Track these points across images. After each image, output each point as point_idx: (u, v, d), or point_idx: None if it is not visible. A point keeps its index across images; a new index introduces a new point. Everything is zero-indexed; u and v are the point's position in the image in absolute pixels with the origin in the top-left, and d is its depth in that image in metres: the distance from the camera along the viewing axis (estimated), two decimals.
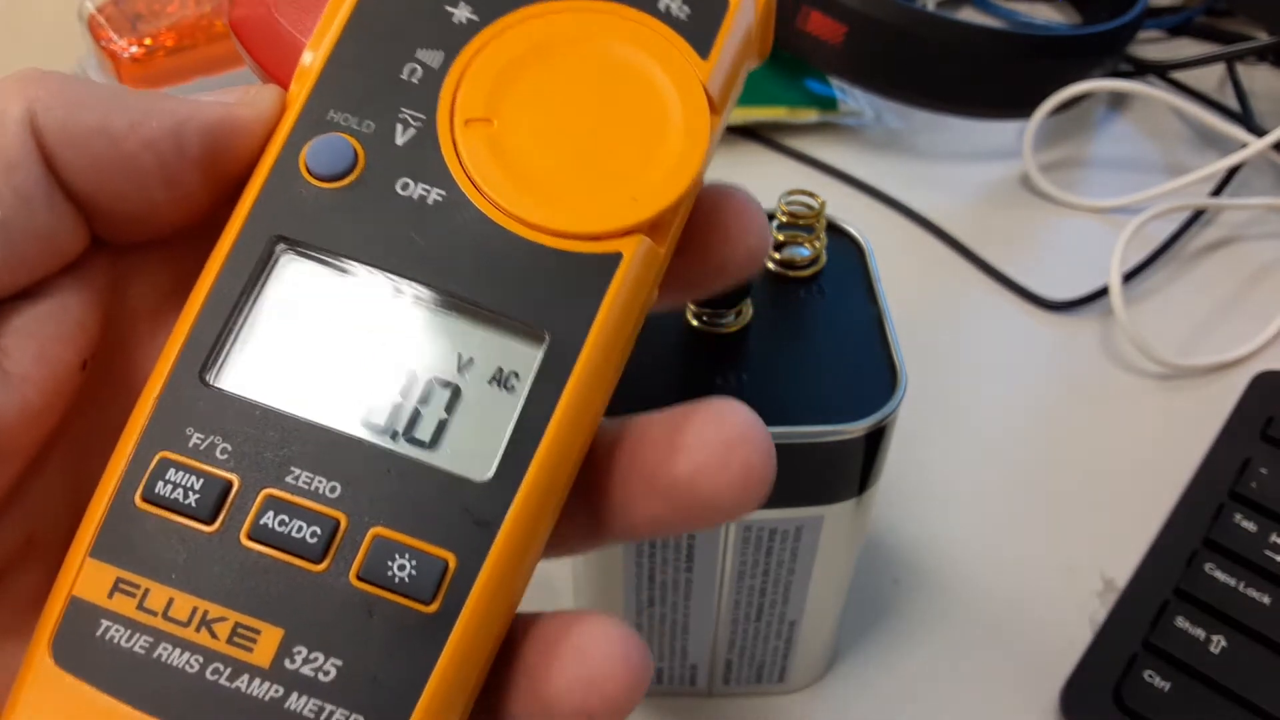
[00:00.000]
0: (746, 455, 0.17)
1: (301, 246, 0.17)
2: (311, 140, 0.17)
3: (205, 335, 0.17)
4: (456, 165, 0.17)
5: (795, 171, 0.51)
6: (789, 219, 0.27)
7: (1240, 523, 0.35)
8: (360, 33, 0.18)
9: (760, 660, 0.31)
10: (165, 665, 0.15)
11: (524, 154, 0.17)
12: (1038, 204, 0.51)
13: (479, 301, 0.17)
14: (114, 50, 0.47)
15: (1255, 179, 0.52)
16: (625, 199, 0.17)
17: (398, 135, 0.17)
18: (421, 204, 0.17)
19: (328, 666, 0.15)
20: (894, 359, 0.25)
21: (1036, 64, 0.50)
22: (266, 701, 0.15)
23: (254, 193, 0.17)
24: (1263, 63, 0.59)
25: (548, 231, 0.17)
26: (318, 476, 0.16)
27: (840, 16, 0.48)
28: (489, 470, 0.16)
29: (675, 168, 0.17)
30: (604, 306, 0.17)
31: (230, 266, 0.17)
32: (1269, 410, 0.39)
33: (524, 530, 0.16)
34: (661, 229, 0.18)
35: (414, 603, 0.16)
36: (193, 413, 0.16)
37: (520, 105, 0.18)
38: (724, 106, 0.19)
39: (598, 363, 0.17)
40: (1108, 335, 0.44)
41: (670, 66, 0.18)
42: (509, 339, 0.17)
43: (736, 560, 0.28)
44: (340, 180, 0.17)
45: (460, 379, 0.17)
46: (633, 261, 0.17)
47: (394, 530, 0.16)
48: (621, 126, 0.18)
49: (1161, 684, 0.31)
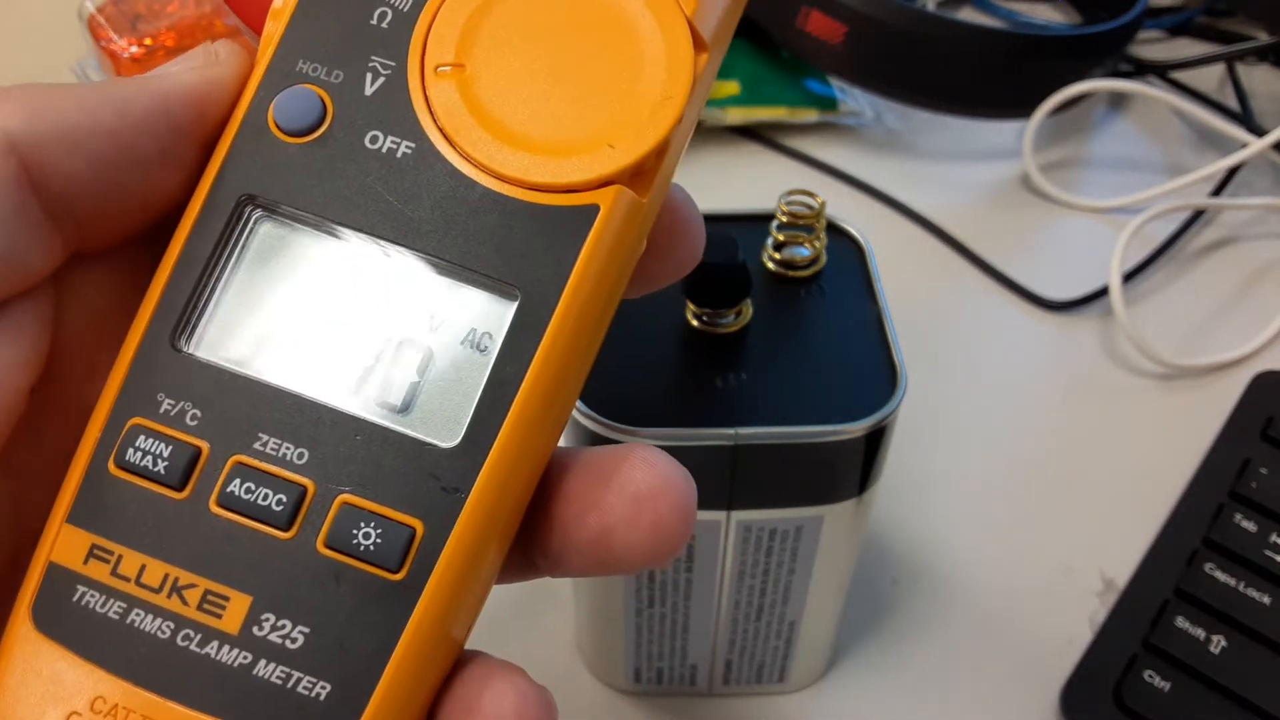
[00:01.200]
0: (657, 512, 0.16)
1: (270, 206, 0.17)
2: (279, 93, 0.17)
3: (176, 300, 0.16)
4: (427, 115, 0.17)
5: (795, 171, 0.52)
6: (789, 219, 0.27)
7: (1240, 523, 0.35)
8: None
9: (760, 660, 0.31)
10: (138, 630, 0.15)
11: (496, 101, 0.17)
12: (1038, 204, 0.51)
13: (450, 259, 0.16)
14: (114, 50, 0.47)
15: (1255, 179, 0.52)
16: (602, 147, 0.16)
17: (367, 85, 0.17)
18: (391, 157, 0.16)
19: (295, 634, 0.15)
20: (894, 359, 0.25)
21: (1036, 64, 0.50)
22: (235, 668, 0.15)
23: (223, 150, 0.17)
24: (1263, 63, 0.59)
25: (521, 184, 0.16)
26: (286, 443, 0.16)
27: (840, 16, 0.48)
28: (457, 436, 0.16)
29: (655, 112, 0.16)
30: (579, 262, 0.16)
31: (199, 228, 0.17)
32: (1269, 410, 0.39)
33: (493, 498, 0.16)
34: (644, 178, 0.17)
35: (381, 570, 0.15)
36: (164, 378, 0.16)
37: (493, 49, 0.17)
38: (716, 43, 0.18)
39: (574, 322, 0.16)
40: (1108, 335, 0.44)
41: (652, 1, 0.17)
42: (482, 298, 0.16)
43: (736, 560, 0.28)
44: (308, 135, 0.17)
45: (432, 340, 0.16)
46: (611, 214, 0.16)
47: (361, 497, 0.16)
48: (599, 69, 0.17)
49: (1161, 684, 0.31)
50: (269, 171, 0.17)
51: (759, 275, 0.28)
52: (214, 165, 0.17)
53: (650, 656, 0.31)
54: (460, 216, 0.16)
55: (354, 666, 0.15)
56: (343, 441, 0.16)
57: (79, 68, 0.51)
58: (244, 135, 0.17)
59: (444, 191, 0.16)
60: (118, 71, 0.48)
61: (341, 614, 0.15)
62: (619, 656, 0.31)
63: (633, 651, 0.31)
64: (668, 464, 0.17)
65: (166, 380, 0.16)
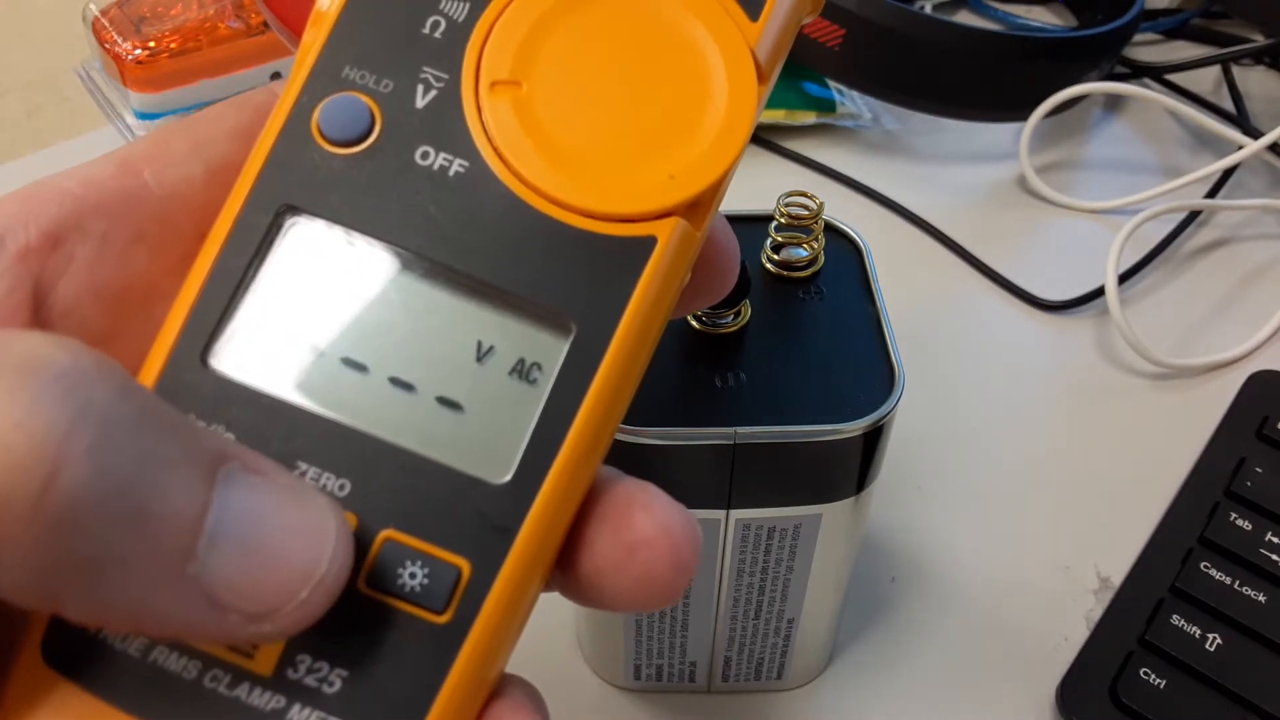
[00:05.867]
0: (649, 562, 0.15)
1: (312, 218, 0.16)
2: (324, 100, 0.16)
3: (208, 313, 0.15)
4: (481, 133, 0.16)
5: (793, 173, 0.52)
6: (787, 220, 0.28)
7: (1236, 521, 0.35)
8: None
9: (759, 657, 0.32)
10: (160, 669, 0.14)
11: (554, 122, 0.16)
12: (1034, 205, 0.51)
13: (501, 286, 0.15)
14: (118, 53, 0.48)
15: (1250, 180, 0.52)
16: (662, 177, 0.16)
17: (418, 97, 0.16)
18: (442, 175, 0.16)
19: (333, 677, 0.15)
20: (892, 359, 0.26)
21: (1033, 66, 0.50)
22: (267, 711, 0.14)
23: (261, 156, 0.16)
24: (1258, 65, 0.59)
25: (577, 211, 0.16)
26: (326, 473, 0.15)
27: (838, 19, 0.49)
28: (508, 472, 0.15)
29: (717, 144, 0.16)
30: (636, 295, 0.15)
31: (235, 238, 0.16)
32: (1264, 410, 0.39)
33: (542, 536, 0.15)
34: (699, 210, 0.16)
35: (425, 612, 0.15)
36: (194, 398, 0.15)
37: (551, 67, 0.16)
38: (772, 72, 0.17)
39: (627, 357, 0.15)
40: (1103, 336, 0.44)
41: (716, 28, 0.16)
42: (532, 327, 0.16)
43: (735, 558, 0.28)
44: (355, 146, 0.16)
45: (479, 369, 0.16)
46: (668, 246, 0.16)
47: (405, 534, 0.15)
48: (660, 95, 0.16)
49: (1157, 681, 0.31)
50: (312, 182, 0.16)
51: (758, 276, 0.28)
52: (251, 171, 0.16)
53: (650, 654, 0.31)
54: (512, 241, 0.16)
55: (395, 712, 0.14)
56: (386, 474, 0.15)
57: (83, 70, 0.52)
58: (285, 141, 0.16)
59: (496, 214, 0.16)
60: (122, 74, 0.48)
61: (382, 657, 0.15)
62: (618, 653, 0.31)
63: (632, 649, 0.31)
64: (668, 512, 0.16)
65: (197, 400, 0.15)
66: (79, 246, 0.16)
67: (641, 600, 0.16)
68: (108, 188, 0.16)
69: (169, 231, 0.17)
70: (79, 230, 0.16)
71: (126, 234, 0.16)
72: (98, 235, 0.16)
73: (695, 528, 0.16)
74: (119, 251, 0.16)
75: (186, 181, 0.17)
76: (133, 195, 0.16)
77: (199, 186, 0.17)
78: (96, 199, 0.16)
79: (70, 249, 0.16)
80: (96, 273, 0.16)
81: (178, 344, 0.15)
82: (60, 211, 0.16)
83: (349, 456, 0.15)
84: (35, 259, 0.15)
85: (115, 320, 0.16)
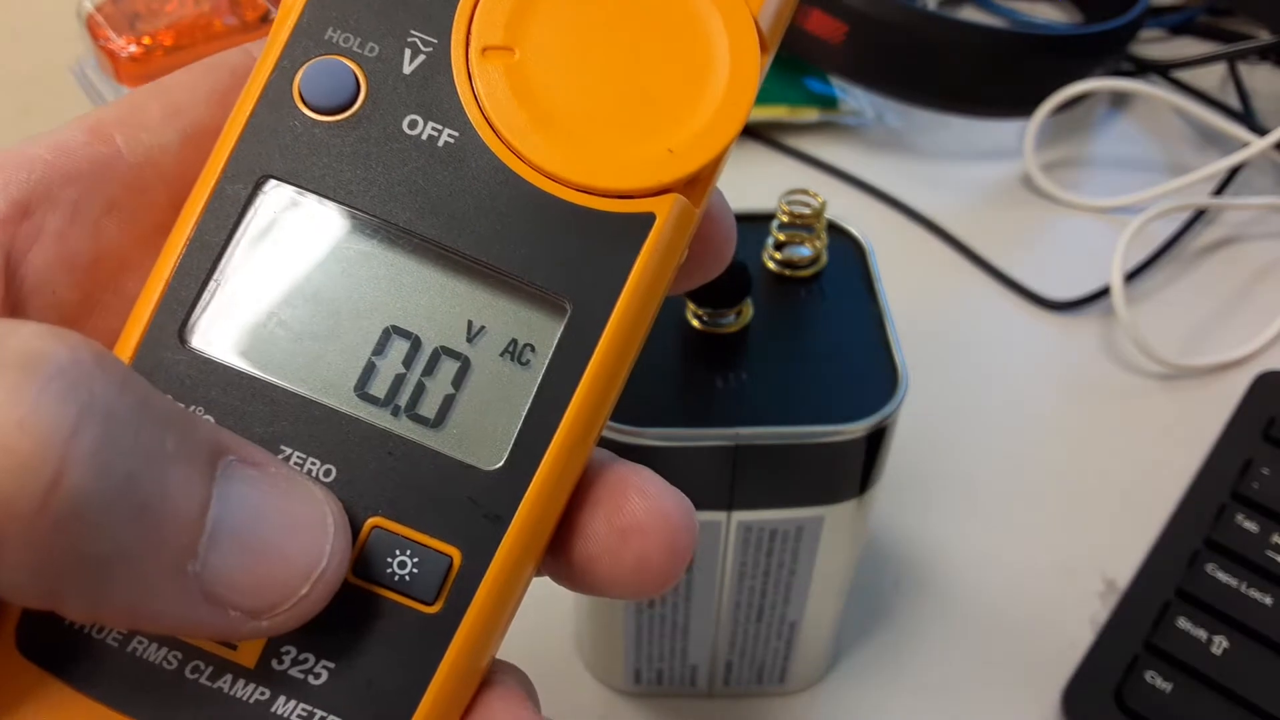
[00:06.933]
0: (643, 548, 0.15)
1: (293, 189, 0.15)
2: (307, 63, 0.15)
3: (185, 289, 0.15)
4: (471, 102, 0.15)
5: (795, 171, 0.51)
6: (790, 219, 0.27)
7: (1242, 523, 0.35)
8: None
9: (760, 661, 0.31)
10: (140, 660, 0.14)
11: (548, 91, 0.15)
12: (1039, 203, 0.51)
13: (493, 263, 0.15)
14: (112, 49, 0.47)
15: (1257, 178, 0.52)
16: (661, 151, 0.15)
17: (405, 62, 0.15)
18: (431, 146, 0.15)
19: (319, 669, 0.14)
20: (895, 359, 0.25)
21: (1038, 63, 0.50)
22: (251, 704, 0.14)
23: (240, 122, 0.15)
24: (1264, 62, 0.59)
25: (572, 186, 0.15)
26: (311, 457, 0.14)
27: (841, 15, 0.48)
28: (500, 458, 0.15)
29: (718, 117, 0.15)
30: (633, 276, 0.15)
31: (213, 209, 0.15)
32: (1271, 411, 0.39)
33: (536, 524, 0.15)
34: (698, 186, 0.16)
35: (415, 603, 0.14)
36: (172, 378, 0.15)
37: (546, 32, 0.15)
38: (774, 42, 0.16)
39: (623, 338, 0.15)
40: (1109, 335, 0.44)
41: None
42: (525, 307, 0.15)
43: (737, 561, 0.27)
44: (339, 113, 0.15)
45: (470, 350, 0.15)
46: (666, 224, 0.15)
47: (394, 521, 0.14)
48: (660, 64, 0.15)
49: (1163, 685, 0.31)
50: (293, 151, 0.15)
51: (760, 275, 0.28)
52: (229, 138, 0.15)
53: (650, 657, 0.31)
54: (504, 216, 0.15)
55: (383, 704, 0.14)
56: (373, 459, 0.15)
57: (78, 67, 0.51)
58: (265, 107, 0.15)
59: (487, 188, 0.15)
60: (116, 70, 0.48)
61: (370, 648, 0.14)
62: (619, 657, 0.31)
63: (633, 652, 0.31)
64: (664, 496, 0.16)
65: (175, 380, 0.15)
66: (49, 216, 0.15)
67: (635, 587, 0.15)
68: (78, 154, 0.16)
69: (142, 200, 0.16)
70: (49, 199, 0.15)
71: (98, 203, 0.16)
72: (68, 204, 0.15)
73: (691, 513, 0.16)
74: (91, 221, 0.16)
75: (160, 148, 0.16)
76: (104, 162, 0.16)
77: (173, 153, 0.16)
78: (66, 166, 0.15)
79: (41, 218, 0.15)
80: (67, 243, 0.15)
81: (153, 321, 0.15)
82: (30, 179, 0.15)
83: (334, 441, 0.15)
84: (5, 229, 0.15)
85: (87, 293, 0.16)
